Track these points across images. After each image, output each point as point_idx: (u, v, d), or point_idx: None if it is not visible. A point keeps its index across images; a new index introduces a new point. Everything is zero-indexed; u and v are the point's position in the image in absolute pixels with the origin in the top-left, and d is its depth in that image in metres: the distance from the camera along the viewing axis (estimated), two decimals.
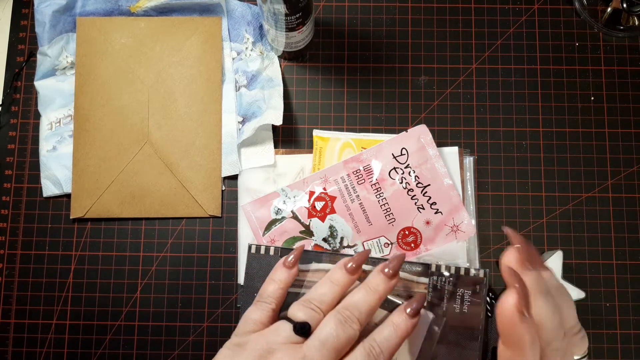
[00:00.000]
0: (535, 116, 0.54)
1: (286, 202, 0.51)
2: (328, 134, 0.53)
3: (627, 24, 0.55)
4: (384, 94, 0.55)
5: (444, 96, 0.55)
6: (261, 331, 0.37)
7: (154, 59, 0.53)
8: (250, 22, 0.54)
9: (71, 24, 0.54)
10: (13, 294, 0.52)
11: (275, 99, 0.52)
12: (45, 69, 0.54)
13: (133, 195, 0.52)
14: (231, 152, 0.53)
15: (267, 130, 0.53)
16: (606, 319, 0.51)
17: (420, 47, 0.55)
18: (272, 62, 0.54)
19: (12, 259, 0.52)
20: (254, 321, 0.38)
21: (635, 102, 0.54)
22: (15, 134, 0.54)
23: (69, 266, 0.52)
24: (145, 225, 0.53)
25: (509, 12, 0.56)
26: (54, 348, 0.51)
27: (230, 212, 0.53)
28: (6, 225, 0.53)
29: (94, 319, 0.51)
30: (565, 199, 0.53)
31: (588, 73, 0.55)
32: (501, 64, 0.55)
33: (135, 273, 0.52)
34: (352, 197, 0.51)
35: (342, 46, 0.56)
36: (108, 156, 0.52)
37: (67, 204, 0.53)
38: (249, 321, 0.38)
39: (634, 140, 0.54)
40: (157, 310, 0.51)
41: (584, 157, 0.54)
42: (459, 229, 0.50)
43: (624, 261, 0.52)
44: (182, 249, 0.52)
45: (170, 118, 0.53)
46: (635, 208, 0.53)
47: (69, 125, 0.53)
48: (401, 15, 0.56)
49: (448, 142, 0.54)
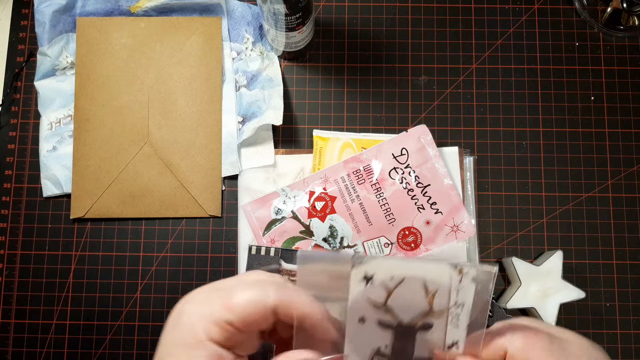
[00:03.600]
0: (535, 116, 0.54)
1: (286, 202, 0.51)
2: (328, 134, 0.53)
3: (627, 24, 0.55)
4: (384, 94, 0.55)
5: (444, 96, 0.55)
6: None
7: (154, 59, 0.53)
8: (250, 22, 0.54)
9: (71, 24, 0.54)
10: (13, 294, 0.52)
11: (275, 99, 0.52)
12: (45, 69, 0.54)
13: (133, 195, 0.52)
14: (231, 152, 0.53)
15: (267, 130, 0.53)
16: (606, 319, 0.51)
17: (420, 47, 0.55)
18: (272, 62, 0.54)
19: (12, 259, 0.52)
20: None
21: (635, 102, 0.54)
22: (15, 134, 0.54)
23: (69, 266, 0.52)
24: (145, 225, 0.53)
25: (509, 12, 0.56)
26: (54, 348, 0.51)
27: (230, 212, 0.53)
28: (6, 225, 0.53)
29: (94, 319, 0.51)
30: (565, 199, 0.53)
31: (588, 73, 0.55)
32: (501, 64, 0.55)
33: (135, 273, 0.52)
34: (352, 197, 0.51)
35: (342, 46, 0.56)
36: (108, 156, 0.52)
37: (67, 204, 0.53)
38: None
39: (634, 140, 0.54)
40: (157, 310, 0.51)
41: (584, 157, 0.54)
42: (459, 229, 0.50)
43: (624, 261, 0.52)
44: (182, 249, 0.52)
45: (170, 118, 0.53)
46: (635, 208, 0.53)
47: (69, 125, 0.53)
48: (401, 15, 0.56)
49: (448, 142, 0.54)
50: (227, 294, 0.31)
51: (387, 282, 0.33)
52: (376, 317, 0.34)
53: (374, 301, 0.33)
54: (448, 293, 0.33)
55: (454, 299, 0.33)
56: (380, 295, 0.33)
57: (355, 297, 0.33)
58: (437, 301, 0.33)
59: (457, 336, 0.33)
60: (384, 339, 0.34)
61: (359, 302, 0.33)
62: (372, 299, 0.33)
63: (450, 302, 0.33)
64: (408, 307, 0.34)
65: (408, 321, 0.34)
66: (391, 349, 0.34)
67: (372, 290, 0.33)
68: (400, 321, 0.34)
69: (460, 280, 0.33)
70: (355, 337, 0.34)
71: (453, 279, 0.33)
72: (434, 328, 0.34)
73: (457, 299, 0.33)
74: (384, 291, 0.33)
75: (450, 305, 0.33)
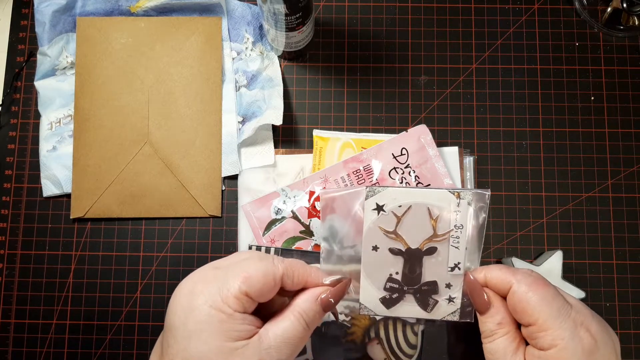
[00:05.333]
0: (535, 116, 0.54)
1: (286, 202, 0.51)
2: (328, 134, 0.53)
3: (627, 24, 0.55)
4: (384, 94, 0.55)
5: (444, 96, 0.55)
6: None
7: (154, 59, 0.53)
8: (250, 22, 0.54)
9: (71, 24, 0.54)
10: (13, 294, 0.52)
11: (275, 99, 0.52)
12: (45, 69, 0.54)
13: (133, 195, 0.52)
14: (231, 152, 0.53)
15: (267, 130, 0.53)
16: (606, 319, 0.51)
17: (420, 47, 0.55)
18: (272, 62, 0.54)
19: (12, 259, 0.52)
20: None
21: (635, 102, 0.54)
22: (15, 134, 0.54)
23: (69, 266, 0.52)
24: (145, 225, 0.53)
25: (509, 12, 0.56)
26: (54, 348, 0.51)
27: (230, 212, 0.53)
28: (6, 225, 0.53)
29: (94, 319, 0.51)
30: (565, 199, 0.53)
31: (588, 73, 0.55)
32: (501, 64, 0.55)
33: (135, 273, 0.52)
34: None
35: (342, 46, 0.56)
36: (108, 156, 0.52)
37: (67, 204, 0.53)
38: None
39: (634, 140, 0.54)
40: (157, 310, 0.51)
41: (584, 157, 0.54)
42: None
43: (624, 261, 0.52)
44: (182, 249, 0.52)
45: (170, 118, 0.53)
46: (635, 208, 0.53)
47: (69, 125, 0.53)
48: (401, 15, 0.56)
49: (448, 142, 0.54)
50: (239, 269, 0.34)
51: (396, 210, 0.38)
52: (387, 244, 0.38)
53: (385, 229, 0.38)
54: (449, 217, 0.38)
55: (454, 222, 0.38)
56: (390, 223, 0.38)
57: (369, 226, 0.39)
58: (440, 225, 0.38)
59: (458, 258, 0.38)
60: (395, 265, 0.39)
61: (372, 230, 0.38)
62: (383, 227, 0.38)
63: (451, 225, 0.38)
64: (415, 232, 0.38)
65: (415, 246, 0.38)
66: (402, 274, 0.39)
67: (384, 219, 0.38)
68: (409, 247, 0.38)
69: (458, 204, 0.38)
70: (370, 264, 0.39)
71: (452, 203, 0.38)
72: (438, 251, 0.38)
73: (457, 221, 0.38)
74: (393, 218, 0.38)
75: (450, 228, 0.38)
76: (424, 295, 0.39)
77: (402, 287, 0.39)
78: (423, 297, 0.39)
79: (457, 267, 0.38)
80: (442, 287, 0.38)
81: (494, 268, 0.37)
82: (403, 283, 0.39)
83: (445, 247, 0.38)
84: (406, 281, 0.38)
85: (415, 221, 0.38)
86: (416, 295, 0.39)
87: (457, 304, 0.38)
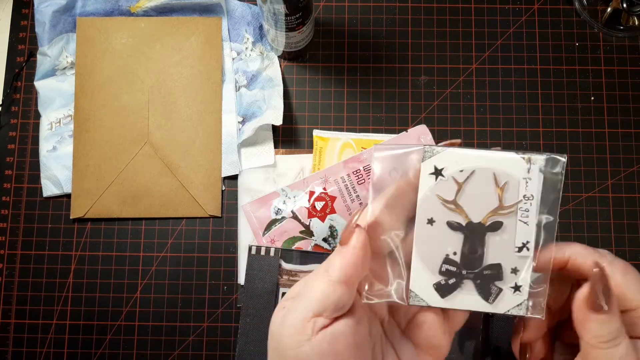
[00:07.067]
0: (535, 116, 0.54)
1: (286, 202, 0.51)
2: (328, 134, 0.53)
3: (627, 24, 0.55)
4: (384, 94, 0.55)
5: (444, 96, 0.55)
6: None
7: (154, 59, 0.53)
8: (250, 22, 0.54)
9: (71, 24, 0.54)
10: (13, 294, 0.52)
11: (275, 99, 0.52)
12: (45, 69, 0.54)
13: (133, 195, 0.52)
14: (231, 152, 0.53)
15: (267, 130, 0.53)
16: None
17: (420, 47, 0.55)
18: (272, 62, 0.54)
19: (12, 259, 0.52)
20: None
21: (635, 102, 0.54)
22: (15, 134, 0.54)
23: (69, 266, 0.52)
24: (145, 225, 0.53)
25: (509, 12, 0.56)
26: (54, 348, 0.51)
27: (230, 212, 0.53)
28: (6, 225, 0.53)
29: (94, 319, 0.51)
30: (565, 199, 0.53)
31: (588, 73, 0.55)
32: (501, 64, 0.55)
33: (135, 273, 0.52)
34: (352, 197, 0.51)
35: (342, 46, 0.56)
36: (108, 156, 0.52)
37: (67, 204, 0.53)
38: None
39: (634, 140, 0.54)
40: (157, 310, 0.51)
41: (584, 157, 0.54)
42: None
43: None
44: (182, 249, 0.52)
45: (170, 118, 0.53)
46: (635, 208, 0.53)
47: (69, 125, 0.53)
48: (401, 15, 0.56)
49: None
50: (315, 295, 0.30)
51: (456, 175, 0.32)
52: (445, 217, 0.32)
53: (443, 198, 0.32)
54: (517, 185, 0.31)
55: (523, 192, 0.31)
56: (450, 191, 0.32)
57: (425, 194, 0.32)
58: (507, 195, 0.31)
59: (527, 236, 0.31)
60: (453, 243, 0.32)
61: (429, 199, 0.32)
62: (441, 195, 0.32)
63: (520, 195, 0.31)
64: (478, 203, 0.32)
65: (478, 220, 0.32)
66: (460, 254, 0.32)
67: (442, 185, 0.32)
68: (470, 220, 0.32)
69: (528, 170, 0.31)
70: (423, 242, 0.32)
71: (522, 168, 0.31)
72: (504, 227, 0.31)
73: (526, 191, 0.31)
74: (454, 185, 0.32)
75: (519, 198, 0.31)
76: (485, 282, 0.32)
77: (460, 270, 0.32)
78: (484, 284, 0.32)
79: (526, 246, 0.31)
80: (508, 272, 0.31)
81: (575, 246, 0.32)
82: (461, 266, 0.32)
83: (513, 222, 0.31)
84: (465, 263, 0.32)
85: (478, 189, 0.32)
86: (476, 282, 0.32)
87: (524, 293, 0.31)
